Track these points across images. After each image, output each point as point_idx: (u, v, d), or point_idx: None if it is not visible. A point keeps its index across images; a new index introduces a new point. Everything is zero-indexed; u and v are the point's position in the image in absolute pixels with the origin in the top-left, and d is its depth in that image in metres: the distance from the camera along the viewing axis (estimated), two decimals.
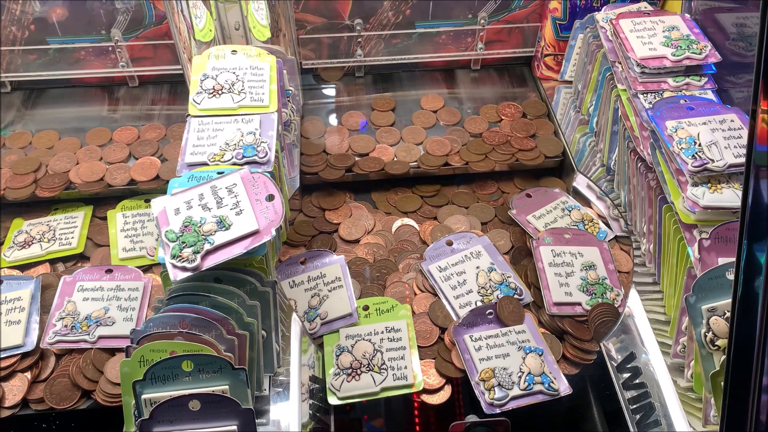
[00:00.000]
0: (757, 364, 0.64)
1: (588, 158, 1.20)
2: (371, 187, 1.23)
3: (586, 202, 1.15)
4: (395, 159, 1.21)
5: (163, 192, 0.85)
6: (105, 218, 1.12)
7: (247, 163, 0.89)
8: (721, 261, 0.83)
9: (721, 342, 0.78)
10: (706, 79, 1.03)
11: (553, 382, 0.89)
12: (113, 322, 0.95)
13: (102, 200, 1.16)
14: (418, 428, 0.97)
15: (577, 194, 1.16)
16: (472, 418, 0.86)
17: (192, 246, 0.76)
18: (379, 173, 1.19)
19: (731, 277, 0.79)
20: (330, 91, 1.37)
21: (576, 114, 1.29)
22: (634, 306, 0.98)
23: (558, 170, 1.24)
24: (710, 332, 0.79)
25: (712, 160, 0.87)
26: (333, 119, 1.30)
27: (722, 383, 0.69)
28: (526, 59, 1.41)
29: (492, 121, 1.28)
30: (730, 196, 0.86)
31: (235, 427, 0.71)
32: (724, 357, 0.77)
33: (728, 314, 0.78)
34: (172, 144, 1.22)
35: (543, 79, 1.37)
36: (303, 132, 1.26)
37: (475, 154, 1.21)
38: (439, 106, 1.32)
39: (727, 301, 0.79)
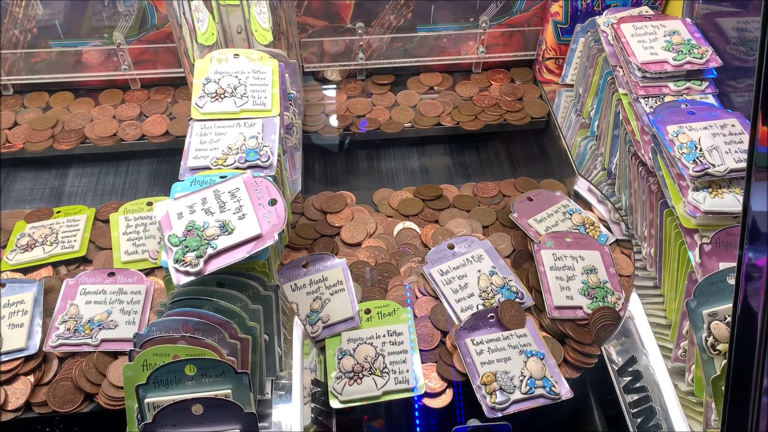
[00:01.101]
0: (757, 369, 0.64)
1: (589, 162, 1.21)
2: (372, 185, 1.25)
3: (588, 206, 1.15)
4: (390, 119, 1.30)
5: (172, 147, 0.88)
6: (107, 221, 1.12)
7: (249, 167, 0.89)
8: (722, 266, 0.83)
9: (722, 346, 0.78)
10: (707, 83, 1.03)
11: (554, 386, 0.89)
12: (116, 326, 0.96)
13: (104, 203, 1.17)
14: None
15: (578, 198, 1.17)
16: (474, 422, 0.86)
17: (195, 250, 0.76)
18: (376, 132, 1.29)
19: (732, 281, 0.79)
20: (330, 92, 1.38)
21: (577, 117, 1.29)
22: (635, 310, 0.98)
23: (544, 132, 1.33)
24: (711, 337, 0.79)
25: (713, 165, 0.87)
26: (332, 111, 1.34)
27: (723, 388, 0.69)
28: (528, 63, 1.42)
29: (482, 86, 1.39)
30: (731, 200, 0.86)
31: (237, 431, 0.72)
32: (724, 361, 0.77)
33: (729, 319, 0.78)
34: (180, 104, 1.33)
35: (544, 82, 1.37)
36: (305, 97, 1.34)
37: (466, 115, 1.32)
38: (437, 82, 1.41)
39: (728, 306, 0.79)
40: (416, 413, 0.92)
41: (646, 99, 1.03)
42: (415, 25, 1.33)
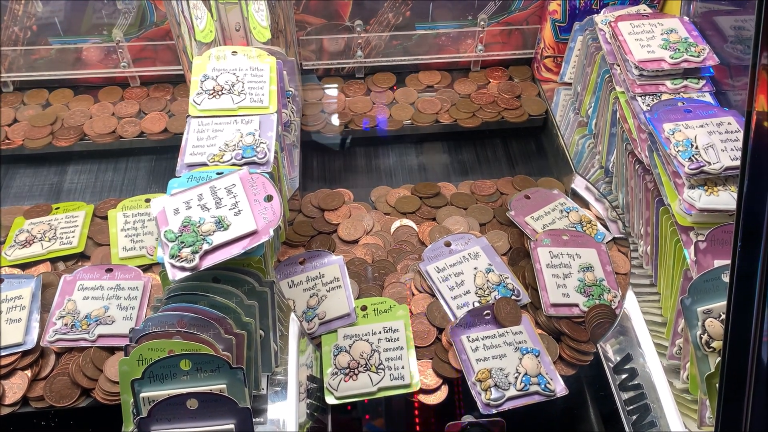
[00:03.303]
0: (751, 366, 0.64)
1: (587, 160, 1.21)
2: (370, 182, 1.26)
3: (585, 204, 1.15)
4: (390, 117, 1.31)
5: (170, 144, 0.87)
6: (105, 218, 1.13)
7: (246, 163, 0.89)
8: (717, 263, 0.83)
9: (717, 344, 0.78)
10: (704, 81, 1.03)
11: (549, 383, 0.89)
12: (113, 321, 0.96)
13: (103, 200, 1.18)
14: (417, 428, 0.98)
15: (575, 196, 1.17)
16: (468, 418, 0.86)
17: (191, 246, 0.77)
18: (374, 129, 1.30)
19: (727, 279, 0.79)
20: (331, 91, 1.38)
21: (575, 116, 1.29)
22: (631, 308, 0.98)
23: (542, 130, 1.34)
24: (706, 334, 0.79)
25: (709, 163, 0.88)
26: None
27: (717, 385, 0.69)
28: (526, 61, 1.42)
29: (481, 83, 1.39)
30: (727, 198, 0.87)
31: (232, 426, 0.72)
32: (719, 359, 0.77)
33: (723, 316, 0.78)
34: (179, 101, 1.34)
35: (542, 80, 1.38)
36: (304, 97, 1.35)
37: (464, 112, 1.32)
38: (436, 81, 1.41)
39: (723, 303, 0.79)
40: (412, 410, 0.93)
41: (643, 97, 1.03)
42: (413, 23, 1.33)
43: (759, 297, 0.64)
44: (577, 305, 0.99)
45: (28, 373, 0.91)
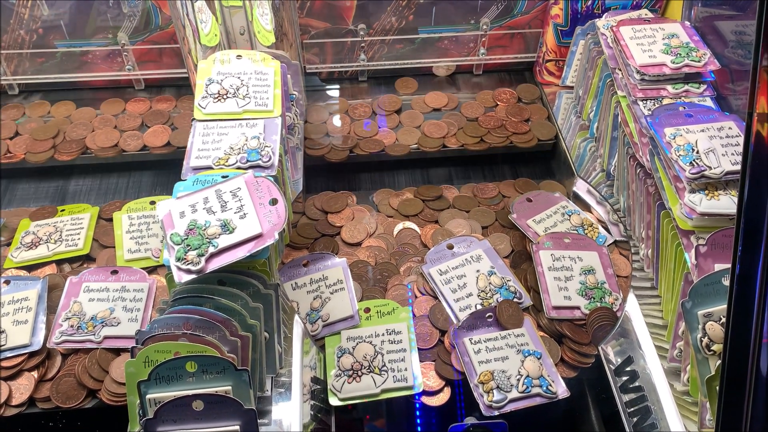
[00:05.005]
0: (751, 369, 0.65)
1: (588, 163, 1.22)
2: (373, 184, 1.26)
3: (586, 207, 1.16)
4: (396, 142, 1.27)
5: (173, 159, 0.86)
6: (111, 220, 1.14)
7: (251, 167, 0.90)
8: (718, 267, 0.84)
9: (717, 347, 0.79)
10: (705, 86, 1.04)
11: (551, 385, 0.90)
12: (118, 323, 0.97)
13: (108, 202, 1.19)
14: (420, 430, 0.98)
15: (577, 199, 1.17)
16: (470, 420, 0.87)
17: (196, 249, 0.77)
18: (380, 155, 1.26)
19: (727, 283, 0.80)
20: (334, 92, 1.39)
21: (577, 119, 1.30)
22: (632, 310, 0.99)
23: (551, 154, 1.30)
24: (706, 337, 0.80)
25: (710, 167, 0.88)
26: (337, 119, 1.33)
27: (717, 387, 0.70)
28: (528, 65, 1.42)
29: (488, 106, 1.35)
30: (727, 203, 0.87)
31: (237, 427, 0.73)
32: (719, 362, 0.78)
33: (724, 319, 0.79)
34: (183, 114, 1.32)
35: (545, 84, 1.38)
36: (308, 118, 1.32)
37: (471, 137, 1.28)
38: (443, 104, 1.37)
39: (723, 307, 0.80)
40: (414, 411, 0.93)
41: (645, 101, 1.04)
42: (416, 26, 1.34)
43: (759, 301, 0.64)
44: (578, 308, 0.99)
45: (35, 374, 0.92)
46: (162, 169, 1.29)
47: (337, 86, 1.39)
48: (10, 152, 1.25)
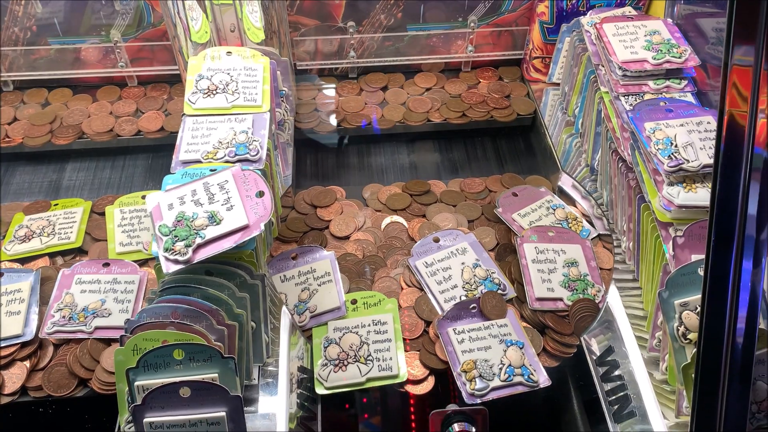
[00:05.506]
0: (725, 356, 0.67)
1: (574, 158, 1.23)
2: (362, 180, 1.28)
3: (571, 201, 1.18)
4: (382, 117, 1.35)
5: (167, 143, 0.87)
6: (103, 214, 1.15)
7: (239, 160, 0.92)
8: (695, 257, 0.86)
9: (693, 335, 0.81)
10: (686, 82, 1.06)
11: (532, 374, 0.92)
12: (109, 314, 0.98)
13: (100, 196, 1.21)
14: (405, 417, 1.00)
15: (561, 193, 1.19)
16: (452, 407, 0.89)
17: (184, 240, 0.79)
18: (367, 128, 1.34)
19: (702, 273, 0.82)
20: (328, 91, 1.41)
21: (563, 115, 1.32)
22: (614, 302, 1.01)
23: (530, 129, 1.36)
24: (682, 326, 0.82)
25: (688, 161, 0.90)
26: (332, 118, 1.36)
27: (693, 375, 0.71)
28: (516, 62, 1.44)
29: (471, 83, 1.42)
30: (705, 195, 0.89)
31: (223, 414, 0.74)
32: (695, 350, 0.80)
33: (699, 309, 0.81)
34: (176, 101, 1.37)
35: (532, 81, 1.40)
36: (298, 95, 1.37)
37: (454, 111, 1.35)
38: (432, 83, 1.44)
39: (699, 296, 0.81)
40: (398, 399, 0.95)
41: (627, 97, 1.05)
42: (405, 24, 1.36)
43: (732, 290, 0.66)
44: (561, 299, 1.01)
45: (27, 363, 0.94)
46: (156, 153, 1.32)
47: (332, 85, 1.41)
48: (8, 137, 1.29)
